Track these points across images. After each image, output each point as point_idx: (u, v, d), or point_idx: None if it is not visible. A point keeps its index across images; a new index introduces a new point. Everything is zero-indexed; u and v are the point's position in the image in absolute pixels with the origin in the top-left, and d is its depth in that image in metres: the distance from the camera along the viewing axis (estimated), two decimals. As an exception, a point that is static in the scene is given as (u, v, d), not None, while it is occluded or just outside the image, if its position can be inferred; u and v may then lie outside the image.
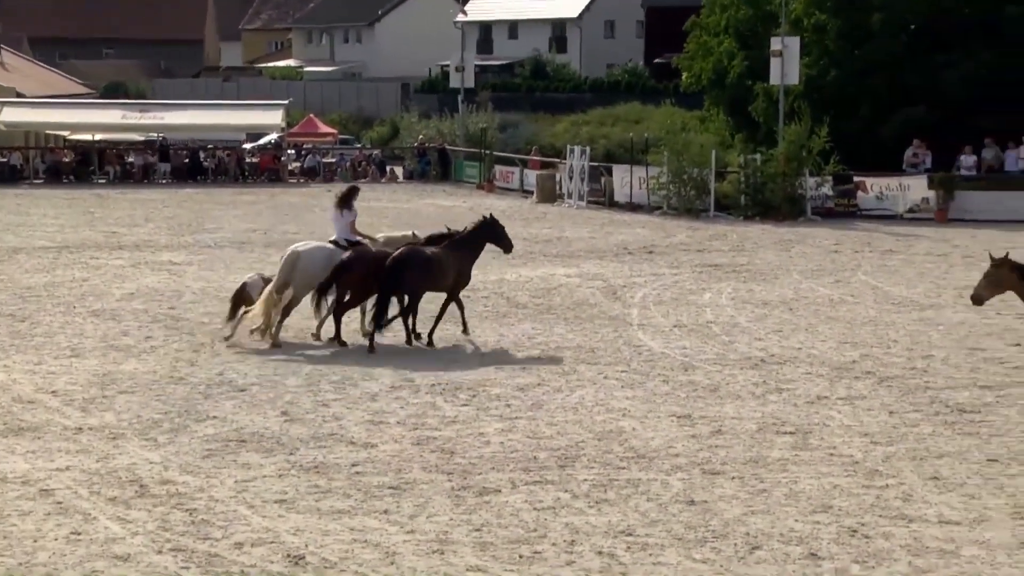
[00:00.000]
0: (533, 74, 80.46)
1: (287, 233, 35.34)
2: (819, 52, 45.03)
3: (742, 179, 41.75)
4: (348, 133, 70.04)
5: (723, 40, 48.44)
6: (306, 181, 55.18)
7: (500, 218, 21.58)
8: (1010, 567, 10.34)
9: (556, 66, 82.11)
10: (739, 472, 13.10)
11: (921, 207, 39.77)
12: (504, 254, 21.66)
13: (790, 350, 19.41)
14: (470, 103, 60.26)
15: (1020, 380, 17.18)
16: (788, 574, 10.26)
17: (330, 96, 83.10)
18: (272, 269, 26.24)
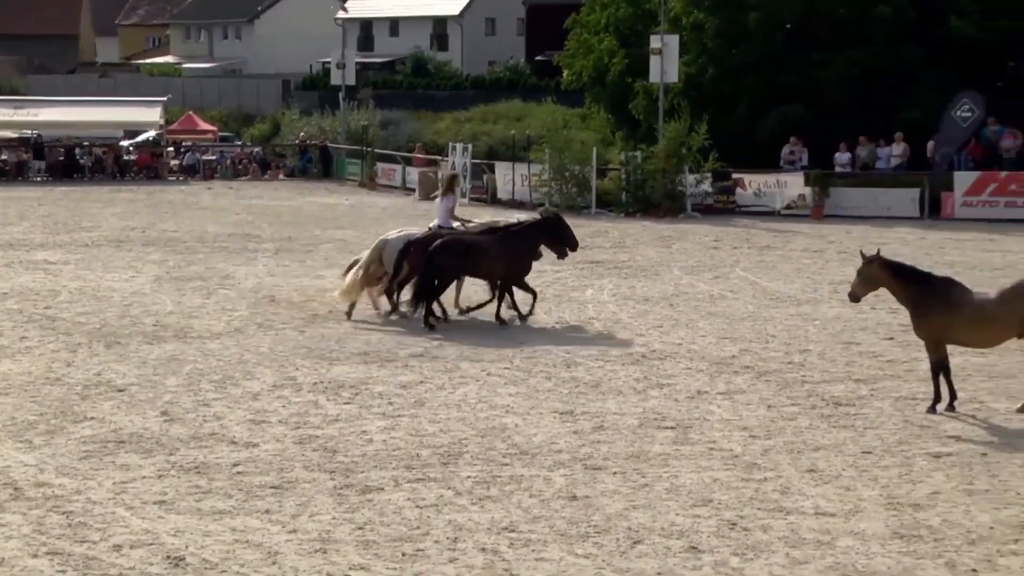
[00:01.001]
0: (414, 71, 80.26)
1: (166, 231, 34.95)
2: (698, 50, 45.50)
3: (623, 176, 42.08)
4: (228, 130, 69.31)
5: (603, 38, 48.74)
6: (186, 179, 54.57)
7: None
8: (883, 557, 10.54)
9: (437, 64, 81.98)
10: (621, 467, 13.20)
11: (798, 204, 40.38)
12: (558, 258, 22.60)
13: (671, 345, 19.60)
14: (351, 100, 59.97)
15: (893, 373, 17.52)
16: (669, 568, 10.36)
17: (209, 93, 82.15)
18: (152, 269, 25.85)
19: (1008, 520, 11.40)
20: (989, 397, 16.06)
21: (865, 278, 15.67)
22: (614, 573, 10.25)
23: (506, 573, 10.28)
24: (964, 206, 38.80)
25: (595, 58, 48.81)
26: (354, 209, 41.90)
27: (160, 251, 30.71)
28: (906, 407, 15.62)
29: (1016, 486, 12.41)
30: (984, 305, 15.24)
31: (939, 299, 15.26)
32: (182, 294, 24.29)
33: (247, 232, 34.88)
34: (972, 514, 11.58)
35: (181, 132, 62.16)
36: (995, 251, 31.01)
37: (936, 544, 10.81)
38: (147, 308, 22.73)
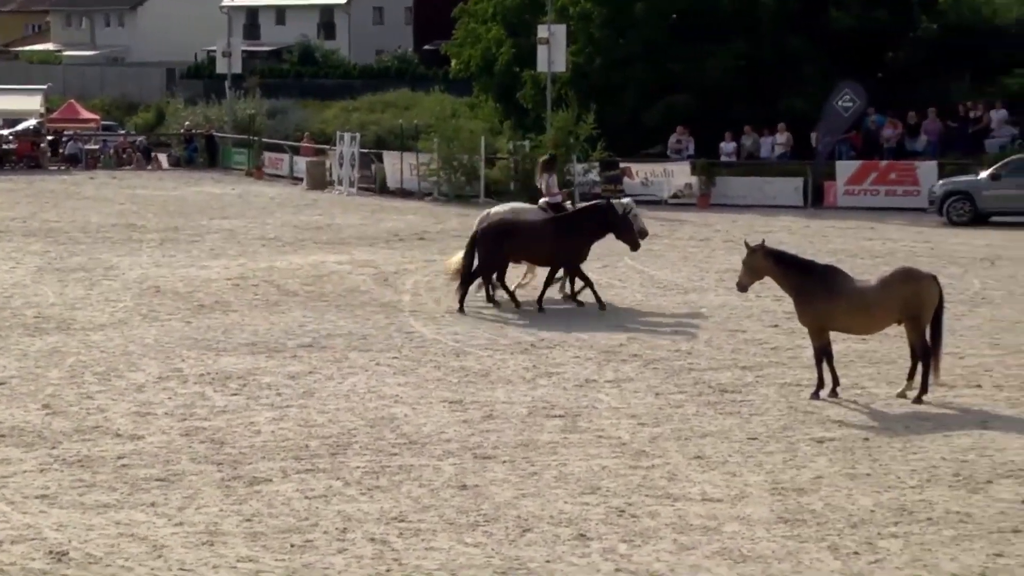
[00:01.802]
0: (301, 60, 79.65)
1: (48, 222, 34.37)
2: (585, 40, 45.69)
3: (511, 165, 42.16)
4: (111, 119, 68.30)
5: (491, 27, 48.77)
6: (67, 168, 53.66)
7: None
8: (768, 541, 10.68)
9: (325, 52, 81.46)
10: (510, 456, 13.23)
11: (684, 193, 40.77)
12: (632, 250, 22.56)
13: (559, 334, 19.67)
14: (237, 89, 59.37)
15: (778, 360, 17.75)
16: (557, 555, 10.41)
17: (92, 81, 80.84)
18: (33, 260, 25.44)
19: (888, 503, 11.61)
20: (870, 383, 16.33)
21: (750, 267, 15.86)
22: (503, 561, 10.27)
23: (395, 563, 10.27)
24: (846, 195, 39.43)
25: (483, 47, 48.83)
26: (241, 199, 41.51)
27: (42, 242, 30.21)
28: (790, 393, 15.83)
29: (896, 470, 12.64)
30: (865, 292, 15.50)
31: (822, 287, 15.49)
32: (64, 285, 23.91)
33: (131, 222, 34.42)
34: (854, 498, 11.78)
35: (62, 121, 61.06)
36: (876, 239, 31.54)
37: (819, 528, 10.98)
38: (28, 300, 22.35)
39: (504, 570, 10.10)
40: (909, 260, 25.54)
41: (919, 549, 10.44)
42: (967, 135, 41.41)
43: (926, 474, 12.48)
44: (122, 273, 25.51)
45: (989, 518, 11.16)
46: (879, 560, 10.20)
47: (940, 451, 13.25)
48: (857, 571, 9.98)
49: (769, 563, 10.16)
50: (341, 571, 10.12)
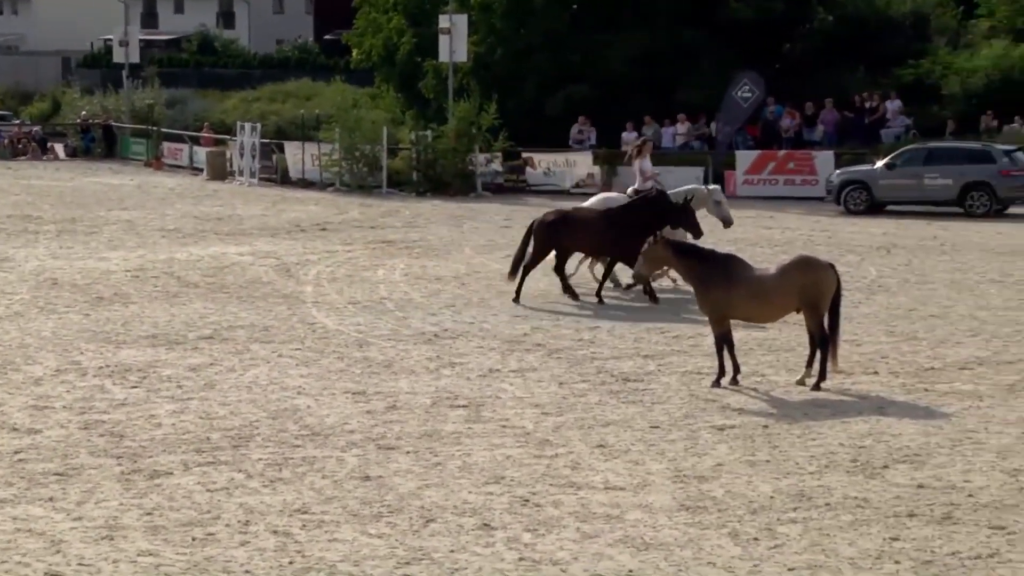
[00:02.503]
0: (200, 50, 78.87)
1: (-59, 213, 33.74)
2: (486, 30, 45.72)
3: (414, 155, 42.12)
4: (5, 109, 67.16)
5: (392, 17, 48.65)
6: (-40, 159, 52.75)
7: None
8: (670, 528, 10.77)
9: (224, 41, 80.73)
10: (414, 446, 13.22)
11: (587, 182, 40.92)
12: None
13: (463, 324, 19.68)
14: (135, 79, 58.65)
15: (680, 349, 17.89)
16: (462, 545, 10.42)
17: (-16, 70, 79.47)
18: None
19: (787, 489, 11.75)
20: (770, 370, 16.52)
21: (651, 259, 15.96)
22: (407, 552, 10.26)
23: (298, 555, 10.21)
24: (745, 184, 39.82)
25: (384, 37, 48.70)
26: (140, 189, 41.02)
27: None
28: (692, 381, 15.97)
29: (795, 456, 12.79)
30: (765, 280, 15.66)
31: (722, 275, 15.63)
32: (-41, 278, 23.50)
33: (27, 213, 33.90)
34: (754, 484, 11.91)
35: (-46, 110, 59.97)
36: (775, 227, 31.90)
37: (720, 514, 11.09)
38: (-79, 293, 21.94)
39: (408, 560, 10.09)
40: (807, 248, 25.87)
41: (817, 534, 10.58)
42: (863, 125, 42.05)
43: (824, 460, 12.64)
44: (18, 265, 25.12)
45: (885, 503, 11.34)
46: (778, 546, 10.33)
47: (838, 437, 13.43)
48: (757, 557, 10.10)
49: (671, 550, 10.25)
50: (243, 564, 10.05)
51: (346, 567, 9.99)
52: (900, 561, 9.95)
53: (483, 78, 43.91)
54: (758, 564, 9.94)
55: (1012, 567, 9.79)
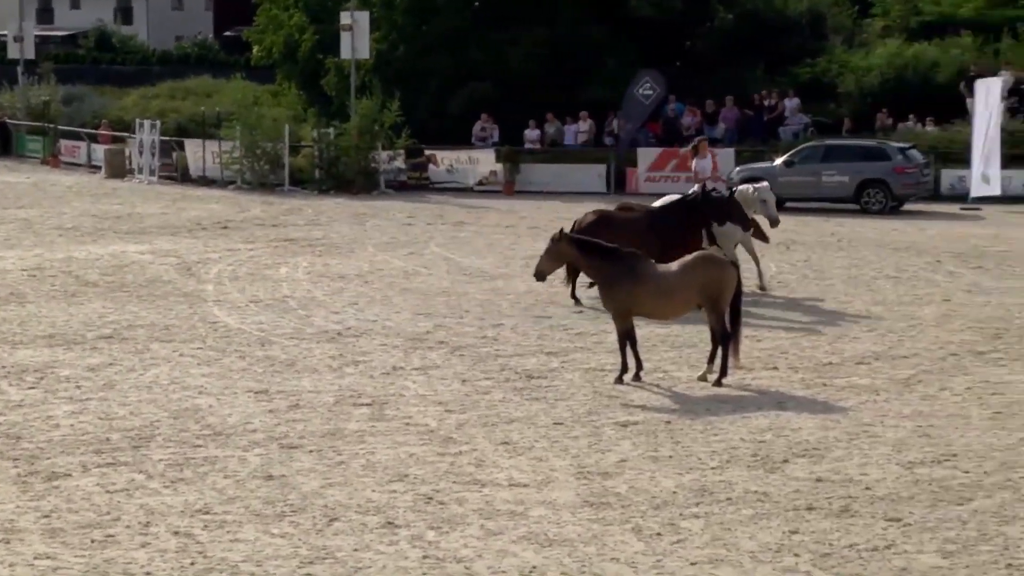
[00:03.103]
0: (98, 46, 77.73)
1: None
2: (388, 27, 45.57)
3: (316, 153, 41.87)
4: None
5: (293, 14, 48.30)
6: None
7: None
8: (574, 524, 10.82)
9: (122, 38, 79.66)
10: (317, 445, 13.16)
11: (490, 180, 40.97)
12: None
13: (366, 322, 19.63)
14: (31, 75, 57.68)
15: (583, 346, 17.98)
16: (365, 544, 10.39)
17: None
18: None
19: (690, 484, 11.86)
20: (672, 366, 16.66)
21: (554, 255, 16.02)
22: (310, 551, 10.22)
23: (200, 556, 10.13)
24: (648, 181, 40.02)
25: (285, 34, 48.35)
26: (36, 187, 40.37)
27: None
28: (595, 378, 16.05)
29: (697, 451, 12.91)
30: (667, 277, 15.79)
31: (625, 272, 15.73)
32: None
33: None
34: (657, 480, 12.00)
35: None
36: (677, 225, 32.09)
37: (624, 510, 11.16)
38: None
39: (311, 560, 10.05)
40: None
41: (719, 528, 10.69)
42: (762, 123, 42.49)
43: (726, 455, 12.77)
44: (-89, 265, 24.65)
45: (785, 496, 11.48)
46: (681, 540, 10.42)
47: (739, 432, 13.58)
48: (660, 552, 10.18)
49: (575, 546, 10.30)
50: (144, 566, 9.95)
51: (248, 567, 9.92)
52: (799, 554, 10.09)
53: (385, 75, 43.75)
54: (661, 559, 10.02)
55: (907, 558, 9.96)
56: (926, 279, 23.69)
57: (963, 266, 25.23)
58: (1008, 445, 12.99)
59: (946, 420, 13.99)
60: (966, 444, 13.04)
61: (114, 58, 74.70)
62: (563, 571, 9.80)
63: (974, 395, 15.09)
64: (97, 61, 73.58)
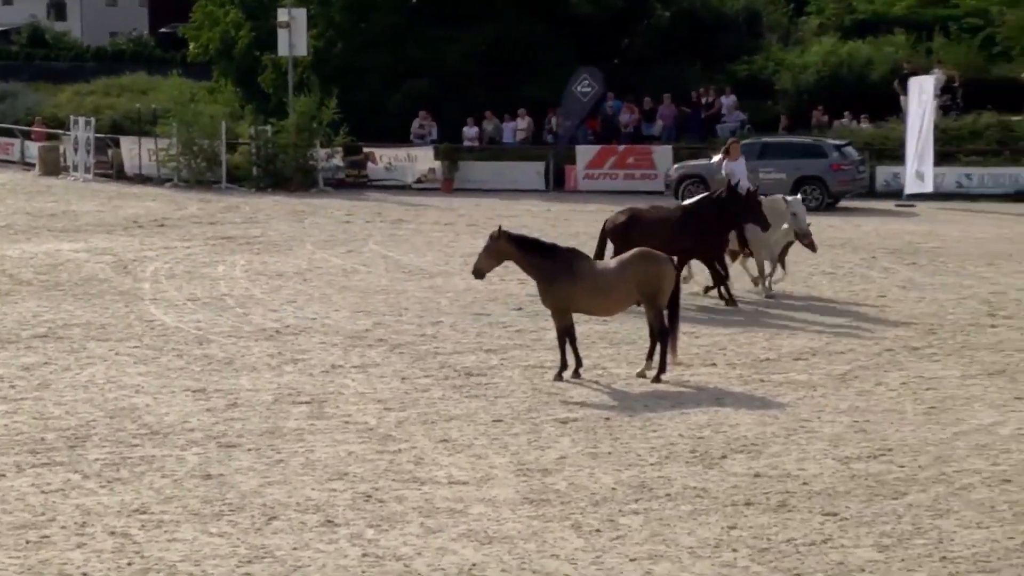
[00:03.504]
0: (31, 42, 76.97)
1: None
2: (325, 24, 45.44)
3: (254, 150, 41.69)
4: None
5: (229, 10, 48.04)
6: None
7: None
8: (514, 522, 10.83)
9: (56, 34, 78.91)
10: (255, 444, 13.10)
11: (428, 177, 40.95)
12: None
13: (305, 320, 19.56)
14: (-38, 72, 57.08)
15: (522, 343, 17.99)
16: (304, 542, 10.35)
17: None
18: None
19: (629, 481, 11.90)
20: (611, 363, 16.70)
21: (492, 253, 16.01)
22: (249, 551, 10.17)
23: (137, 556, 10.05)
24: (586, 178, 40.20)
25: (221, 31, 48.08)
26: (-31, 185, 40.00)
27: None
28: (535, 375, 16.07)
29: (636, 448, 12.96)
30: (605, 274, 15.84)
31: (564, 269, 15.75)
32: None
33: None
34: (596, 476, 12.03)
35: None
36: (616, 222, 32.19)
37: (563, 507, 11.18)
38: None
39: (250, 559, 10.00)
40: (647, 243, 26.15)
41: (658, 524, 10.74)
42: (700, 120, 42.72)
43: (664, 451, 12.83)
44: None
45: (723, 492, 11.55)
46: (620, 536, 10.45)
47: (678, 428, 13.64)
48: (599, 548, 10.21)
49: (515, 543, 10.31)
50: (80, 566, 9.86)
51: (186, 567, 9.86)
52: (737, 549, 10.15)
53: (323, 72, 43.60)
54: (600, 555, 10.05)
55: (844, 552, 10.05)
56: (861, 275, 23.91)
57: (898, 262, 25.48)
58: (942, 439, 13.13)
59: (882, 415, 14.13)
60: (901, 439, 13.17)
61: (47, 54, 73.98)
62: (503, 568, 9.81)
63: (909, 390, 15.24)
64: (30, 57, 72.85)
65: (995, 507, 11.01)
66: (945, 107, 39.98)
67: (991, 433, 13.34)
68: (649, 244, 20.07)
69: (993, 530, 10.44)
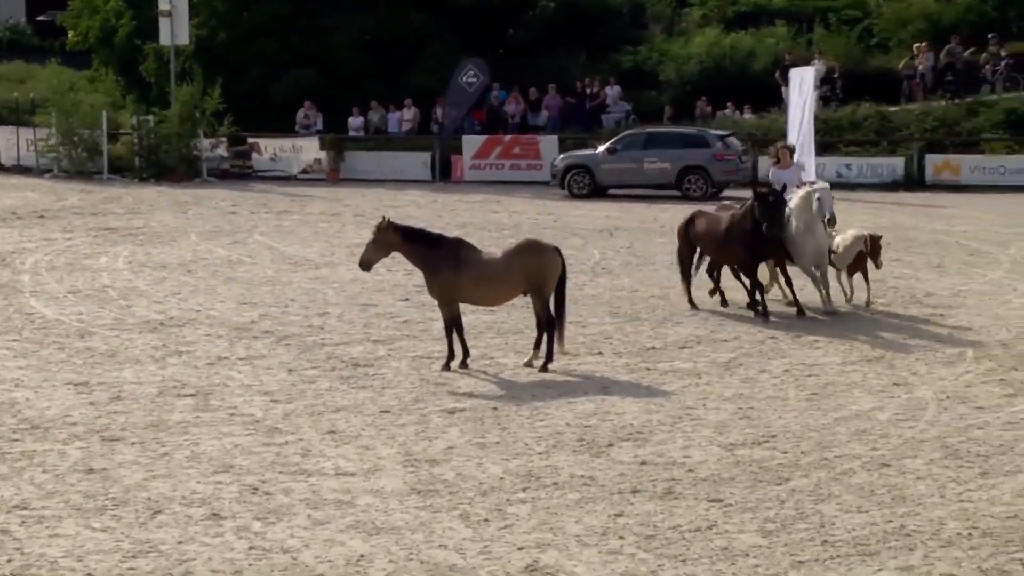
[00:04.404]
0: (-97, 29, 75.18)
1: None
2: (208, 13, 44.96)
3: (136, 140, 41.16)
4: None
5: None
6: None
7: None
8: (402, 512, 10.83)
9: (-71, 21, 77.13)
10: (139, 437, 12.95)
11: (314, 168, 40.72)
12: None
13: (189, 312, 19.36)
14: None
15: (409, 333, 17.98)
16: (190, 536, 10.26)
17: None
18: None
19: (517, 470, 11.94)
20: (499, 353, 16.75)
21: (379, 245, 15.97)
22: (133, 545, 10.05)
23: (17, 552, 9.89)
24: (472, 169, 40.23)
25: (101, 19, 47.36)
26: None
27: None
28: (422, 366, 16.07)
29: (524, 437, 13.01)
30: (491, 264, 15.88)
31: (450, 260, 15.77)
32: None
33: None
34: (484, 466, 12.06)
35: None
36: (502, 211, 32.31)
37: (451, 497, 11.20)
38: None
39: (134, 554, 9.89)
40: (534, 232, 26.29)
41: (546, 513, 10.79)
42: (585, 110, 42.95)
43: (552, 440, 12.90)
44: None
45: (610, 480, 11.64)
46: (508, 526, 10.49)
47: (565, 417, 13.72)
48: (487, 538, 10.24)
49: (402, 534, 10.31)
50: (-40, 565, 9.70)
51: (69, 563, 9.72)
52: (624, 536, 10.24)
53: (206, 62, 43.13)
54: (488, 545, 10.08)
55: (728, 537, 10.18)
56: (745, 264, 24.16)
57: (780, 251, 25.78)
58: (823, 425, 13.35)
59: (765, 402, 14.33)
60: (784, 425, 13.37)
61: (-80, 43, 72.25)
62: (391, 559, 9.80)
63: (792, 377, 15.47)
64: (-100, 45, 71.10)
65: (874, 491, 11.22)
66: (825, 98, 40.59)
67: (870, 419, 13.59)
68: (701, 245, 19.97)
69: (872, 514, 10.65)
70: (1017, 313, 19.01)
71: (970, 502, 10.92)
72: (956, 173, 37.64)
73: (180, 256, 24.78)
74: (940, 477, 11.59)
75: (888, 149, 39.09)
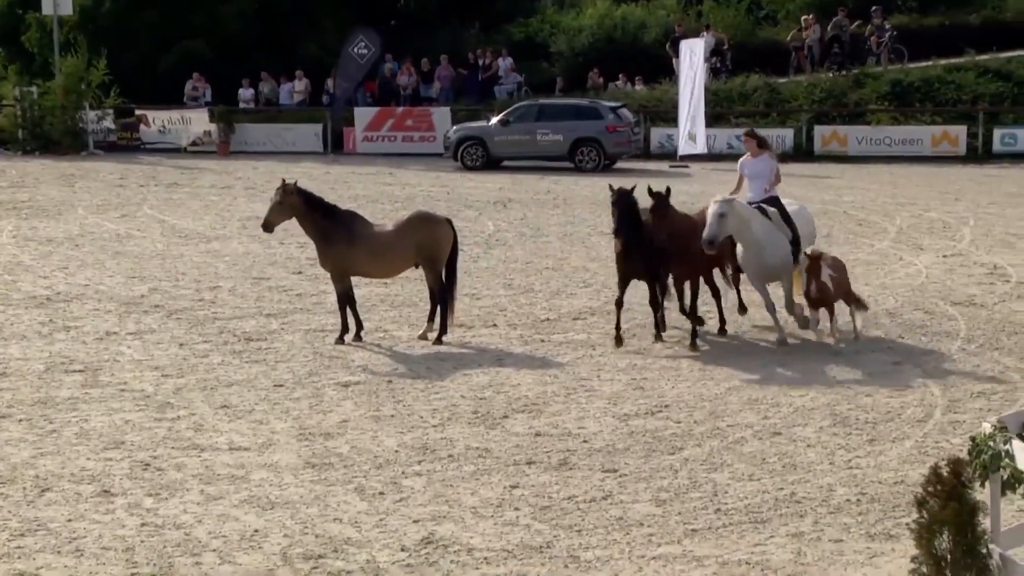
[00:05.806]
0: None
1: None
2: (93, -18, 44.23)
3: (19, 113, 40.40)
4: None
5: (-9, -34, 46.39)
6: None
7: None
8: (296, 487, 10.77)
9: None
10: (27, 414, 12.74)
11: (203, 140, 40.25)
12: None
13: (77, 287, 19.06)
14: None
15: (303, 307, 17.86)
16: (80, 513, 10.12)
17: None
18: None
19: (412, 443, 11.93)
20: (393, 326, 16.71)
21: (284, 207, 15.81)
22: (21, 523, 9.89)
23: (-96, 534, 9.69)
24: (365, 141, 40.02)
25: (-18, -12, 46.40)
26: None
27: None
28: (316, 339, 15.98)
29: (419, 410, 12.99)
30: (382, 237, 15.81)
31: (342, 232, 15.69)
32: None
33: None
34: (379, 439, 12.03)
35: None
36: (395, 184, 32.18)
37: (346, 470, 11.16)
38: None
39: (22, 532, 9.73)
40: (427, 204, 26.23)
41: (441, 485, 10.79)
42: (477, 82, 42.87)
43: (447, 412, 12.90)
44: None
45: (505, 452, 11.67)
46: (404, 499, 10.48)
47: (460, 390, 13.72)
48: (383, 511, 10.21)
49: (297, 508, 10.25)
50: None
51: (-43, 544, 9.55)
52: (520, 508, 10.27)
53: (91, 32, 42.41)
54: (384, 518, 10.06)
55: (623, 507, 10.25)
56: (637, 235, 24.28)
57: (672, 222, 25.95)
58: (716, 395, 13.49)
59: (658, 372, 14.44)
60: (677, 395, 13.49)
61: None
62: (285, 533, 9.74)
63: (684, 347, 15.58)
64: None
65: (766, 459, 11.37)
66: (715, 70, 40.90)
67: (761, 387, 13.75)
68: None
69: (764, 481, 10.79)
70: (903, 282, 19.33)
71: (858, 468, 11.10)
72: (843, 144, 38.15)
73: (67, 230, 24.39)
74: (829, 444, 11.77)
75: (777, 120, 39.49)
